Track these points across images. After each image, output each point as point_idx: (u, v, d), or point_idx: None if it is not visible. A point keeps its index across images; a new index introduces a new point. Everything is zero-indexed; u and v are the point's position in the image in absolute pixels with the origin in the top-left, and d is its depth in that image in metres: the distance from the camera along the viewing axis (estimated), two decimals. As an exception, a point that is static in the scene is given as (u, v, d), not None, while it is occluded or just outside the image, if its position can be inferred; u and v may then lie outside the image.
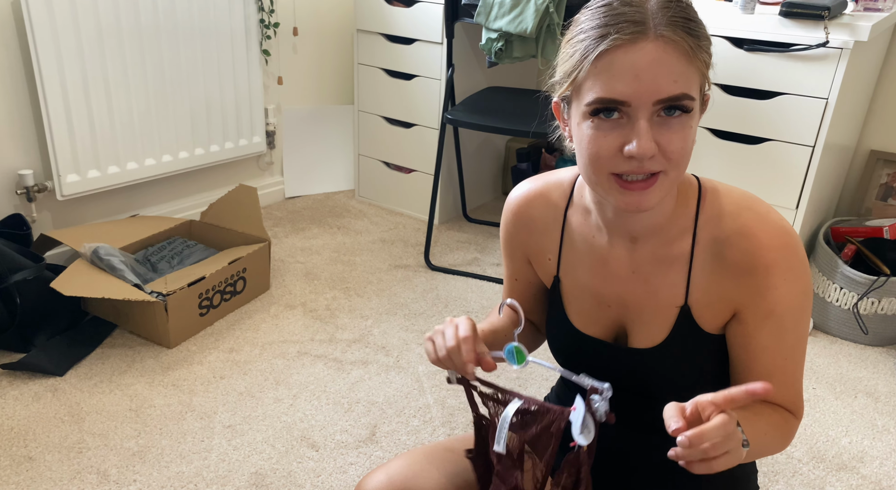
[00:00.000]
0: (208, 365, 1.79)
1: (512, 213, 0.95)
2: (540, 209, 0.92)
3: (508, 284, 1.01)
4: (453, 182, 2.67)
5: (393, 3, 2.44)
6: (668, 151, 0.71)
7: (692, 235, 0.82)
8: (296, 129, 2.78)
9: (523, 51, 2.08)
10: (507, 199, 0.96)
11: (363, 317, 2.04)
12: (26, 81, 1.97)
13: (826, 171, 2.04)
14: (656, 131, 0.71)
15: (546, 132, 0.93)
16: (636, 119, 0.70)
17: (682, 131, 0.71)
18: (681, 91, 0.70)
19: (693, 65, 0.71)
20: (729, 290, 0.81)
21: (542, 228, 0.92)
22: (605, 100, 0.70)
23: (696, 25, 0.72)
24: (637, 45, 0.69)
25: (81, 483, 1.41)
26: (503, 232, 0.98)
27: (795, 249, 0.78)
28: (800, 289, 0.79)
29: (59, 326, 1.85)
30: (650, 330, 0.86)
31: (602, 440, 0.94)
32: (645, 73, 0.69)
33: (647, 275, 0.85)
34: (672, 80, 0.69)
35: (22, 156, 2.02)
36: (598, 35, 0.71)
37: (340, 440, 1.56)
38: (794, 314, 0.80)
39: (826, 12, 1.75)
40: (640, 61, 0.69)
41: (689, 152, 0.73)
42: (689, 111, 0.71)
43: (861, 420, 1.70)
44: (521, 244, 0.96)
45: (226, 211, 2.18)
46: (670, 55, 0.69)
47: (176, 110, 2.26)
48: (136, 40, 2.09)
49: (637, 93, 0.69)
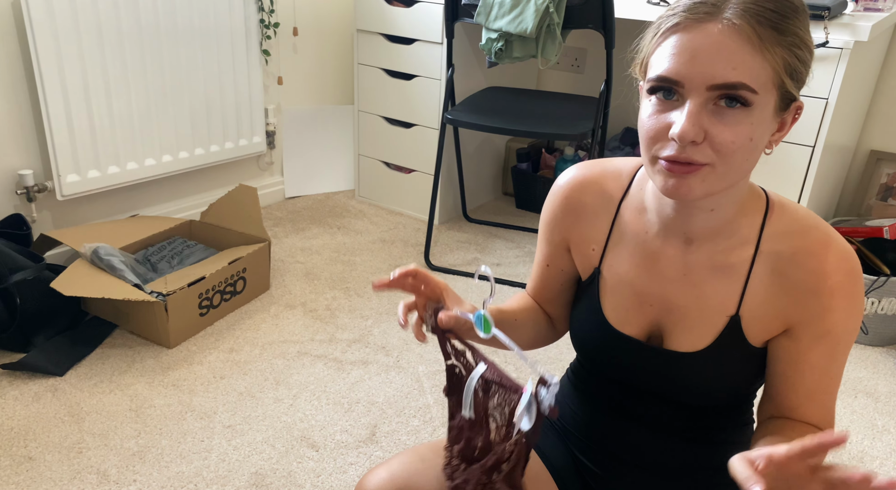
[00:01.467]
0: (208, 365, 1.79)
1: (562, 196, 0.92)
2: (592, 196, 0.89)
3: (538, 268, 0.98)
4: (453, 182, 2.67)
5: (393, 3, 2.44)
6: (716, 142, 0.69)
7: (755, 247, 0.80)
8: (296, 129, 2.78)
9: (523, 51, 2.08)
10: (559, 180, 0.93)
11: (363, 317, 2.04)
12: (26, 81, 1.97)
13: (826, 171, 2.04)
14: (708, 119, 0.69)
15: (544, 132, 0.93)
16: (686, 101, 0.69)
17: (737, 125, 0.68)
18: (738, 79, 0.67)
19: (762, 56, 0.67)
20: (787, 307, 0.80)
21: (592, 217, 0.90)
22: (661, 77, 0.70)
23: (781, 19, 0.68)
24: (701, 26, 0.68)
25: (81, 483, 1.41)
26: (547, 214, 0.94)
27: (859, 276, 0.78)
28: (857, 314, 0.79)
29: (59, 326, 1.85)
30: (693, 335, 0.84)
31: (617, 436, 0.95)
32: (702, 55, 0.67)
33: (700, 279, 0.83)
34: (731, 66, 0.67)
35: (22, 156, 2.02)
36: (671, 13, 0.70)
37: (340, 440, 1.56)
38: (847, 338, 0.80)
39: (826, 12, 1.75)
40: (699, 43, 0.67)
41: (743, 149, 0.69)
42: (749, 105, 0.68)
43: (861, 420, 1.70)
44: (564, 229, 0.93)
45: (226, 211, 2.18)
46: (734, 41, 0.67)
47: (176, 110, 2.26)
48: (136, 40, 2.09)
49: (691, 74, 0.68)
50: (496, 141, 2.85)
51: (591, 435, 0.96)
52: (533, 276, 1.00)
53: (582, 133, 2.01)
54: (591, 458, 0.97)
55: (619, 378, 0.91)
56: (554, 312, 1.00)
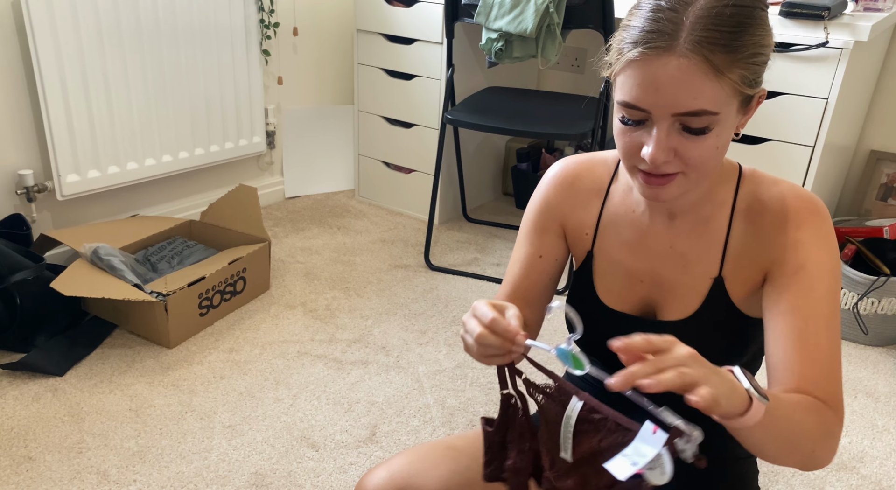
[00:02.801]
0: (208, 365, 1.79)
1: (559, 181, 0.94)
2: (586, 180, 0.94)
3: (526, 265, 0.95)
4: (453, 182, 2.67)
5: (393, 3, 2.44)
6: (686, 158, 0.74)
7: (731, 208, 0.85)
8: (296, 129, 2.78)
9: (523, 51, 2.08)
10: (549, 171, 0.96)
11: (363, 317, 2.04)
12: (26, 81, 1.97)
13: (826, 171, 2.04)
14: (676, 139, 0.74)
15: (544, 132, 0.93)
16: (654, 127, 0.74)
17: (703, 142, 0.74)
18: (700, 107, 0.71)
19: (720, 82, 0.71)
20: (761, 253, 0.83)
21: (585, 201, 0.93)
22: (629, 104, 0.74)
23: (735, 37, 0.71)
24: (661, 60, 0.71)
25: (81, 483, 1.41)
26: (541, 202, 0.95)
27: (826, 217, 0.82)
28: (829, 251, 0.80)
29: (59, 326, 1.85)
30: (682, 303, 0.87)
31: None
32: (665, 87, 0.71)
33: (684, 249, 0.87)
34: (692, 96, 0.71)
35: (22, 156, 2.02)
36: (633, 40, 0.72)
37: (340, 440, 1.56)
38: (825, 279, 0.79)
39: (826, 12, 1.75)
40: (661, 75, 0.71)
41: (711, 158, 0.75)
42: (712, 128, 0.73)
43: (861, 420, 1.70)
44: (560, 215, 0.94)
45: (226, 211, 2.18)
46: (692, 75, 0.70)
47: (176, 110, 2.26)
48: (136, 40, 2.09)
49: (656, 104, 0.72)
50: (496, 141, 2.85)
51: None
52: (515, 277, 0.96)
53: (582, 133, 2.01)
54: None
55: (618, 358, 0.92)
56: (532, 317, 0.97)
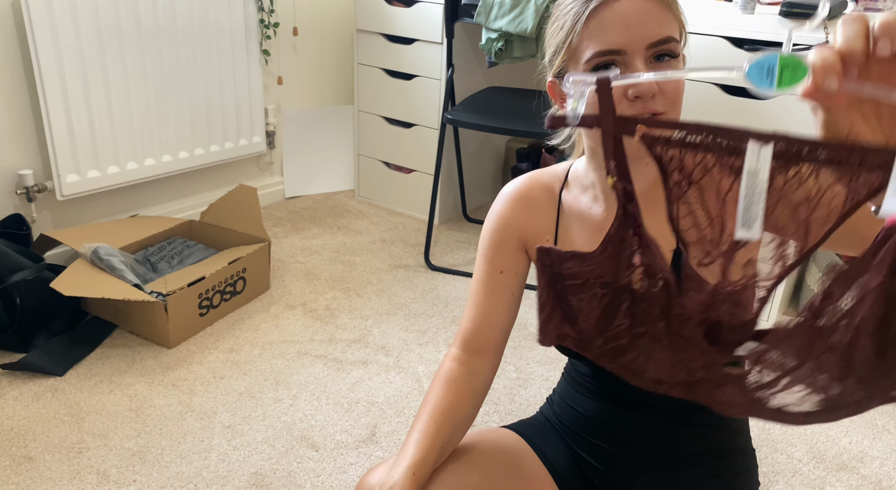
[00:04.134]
0: (208, 365, 1.79)
1: (511, 197, 0.96)
2: (537, 191, 0.96)
3: (489, 283, 0.95)
4: (453, 182, 2.67)
5: (393, 3, 2.44)
6: (666, 91, 0.77)
7: None
8: (296, 129, 2.78)
9: (523, 51, 2.08)
10: (503, 191, 0.98)
11: (363, 317, 2.04)
12: (26, 81, 1.97)
13: (826, 171, 2.04)
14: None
15: (544, 132, 0.94)
16: (633, 64, 0.77)
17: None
18: (667, 34, 0.77)
19: (671, 12, 0.79)
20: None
21: (540, 210, 0.95)
22: (603, 52, 0.77)
23: None
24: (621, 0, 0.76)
25: (81, 483, 1.41)
26: (496, 219, 0.96)
27: None
28: None
29: (59, 326, 1.85)
30: (670, 240, 0.87)
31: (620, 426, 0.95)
32: (634, 21, 0.76)
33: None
34: (658, 24, 0.77)
35: (22, 156, 2.02)
36: (583, 0, 0.78)
37: (340, 440, 1.56)
38: None
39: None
40: (627, 11, 0.76)
41: (681, 93, 0.79)
42: (677, 56, 0.79)
43: (861, 420, 1.70)
44: (517, 228, 0.96)
45: (226, 211, 2.18)
46: (653, 3, 0.77)
47: (176, 110, 2.26)
48: (136, 40, 2.09)
49: (630, 39, 0.76)
50: (496, 141, 2.85)
51: (594, 430, 0.97)
52: (479, 299, 0.95)
53: (582, 133, 2.01)
54: (594, 454, 0.97)
55: None
56: (497, 341, 0.95)
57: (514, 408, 1.69)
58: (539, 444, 0.99)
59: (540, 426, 1.03)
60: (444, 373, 0.92)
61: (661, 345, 0.59)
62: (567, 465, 0.98)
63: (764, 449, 1.59)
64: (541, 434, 1.01)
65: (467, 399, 0.90)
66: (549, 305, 0.63)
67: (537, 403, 1.70)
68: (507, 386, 1.77)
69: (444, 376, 0.92)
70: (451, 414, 0.88)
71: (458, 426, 0.89)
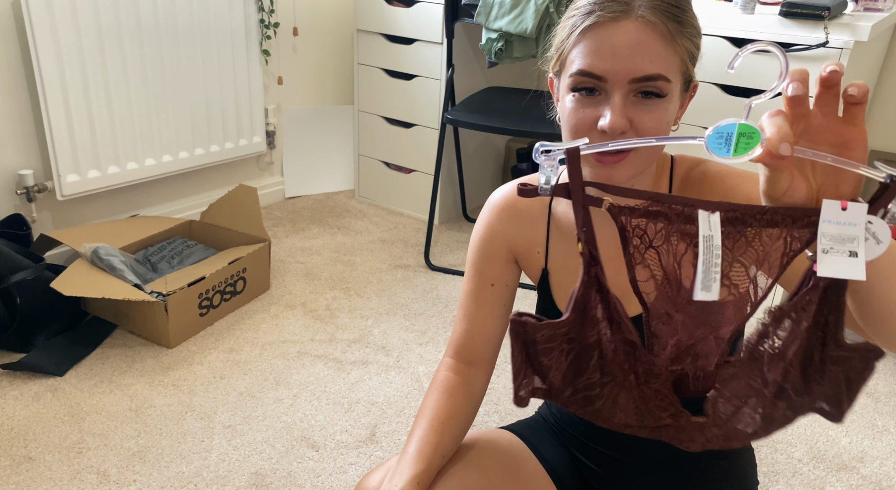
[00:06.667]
0: (208, 365, 1.79)
1: (499, 208, 0.94)
2: (526, 202, 0.93)
3: (479, 296, 0.94)
4: (453, 182, 2.67)
5: (393, 3, 2.44)
6: (640, 130, 0.74)
7: (668, 190, 0.87)
8: (296, 129, 2.78)
9: (523, 51, 2.08)
10: (490, 198, 0.96)
11: (363, 317, 2.04)
12: (26, 81, 1.97)
13: (826, 171, 2.04)
14: (631, 109, 0.73)
15: (544, 132, 0.94)
16: (611, 95, 0.73)
17: (657, 112, 0.74)
18: (657, 71, 0.72)
19: (672, 49, 0.74)
20: None
21: (530, 221, 0.93)
22: (585, 72, 0.74)
23: (681, 13, 0.75)
24: (618, 24, 0.73)
25: (81, 483, 1.41)
26: (485, 231, 0.95)
27: (748, 173, 0.84)
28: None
29: (59, 326, 1.85)
30: (634, 299, 0.85)
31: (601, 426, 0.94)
32: (622, 51, 0.72)
33: None
34: (648, 60, 0.72)
35: (22, 156, 2.02)
36: (586, 12, 0.75)
37: (340, 440, 1.57)
38: None
39: (826, 12, 1.75)
40: (619, 39, 0.72)
41: (661, 133, 0.76)
42: (664, 95, 0.74)
43: (861, 420, 1.70)
44: (507, 240, 0.94)
45: (226, 211, 2.18)
46: (649, 36, 0.72)
47: (176, 110, 2.26)
48: (136, 40, 2.09)
49: (613, 69, 0.72)
50: (496, 141, 2.85)
51: (591, 433, 0.97)
52: (469, 311, 0.95)
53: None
54: (591, 457, 0.97)
55: None
56: (491, 352, 0.96)
57: (514, 407, 1.69)
58: (538, 445, 0.99)
59: (538, 427, 1.03)
60: (440, 381, 0.92)
61: (629, 393, 0.64)
62: (565, 467, 0.98)
63: (764, 449, 1.59)
64: (539, 435, 1.01)
65: (466, 408, 0.91)
66: (522, 371, 0.65)
67: (536, 403, 1.70)
68: (507, 386, 1.77)
69: (442, 384, 0.92)
70: (452, 422, 0.88)
71: (458, 434, 0.89)
